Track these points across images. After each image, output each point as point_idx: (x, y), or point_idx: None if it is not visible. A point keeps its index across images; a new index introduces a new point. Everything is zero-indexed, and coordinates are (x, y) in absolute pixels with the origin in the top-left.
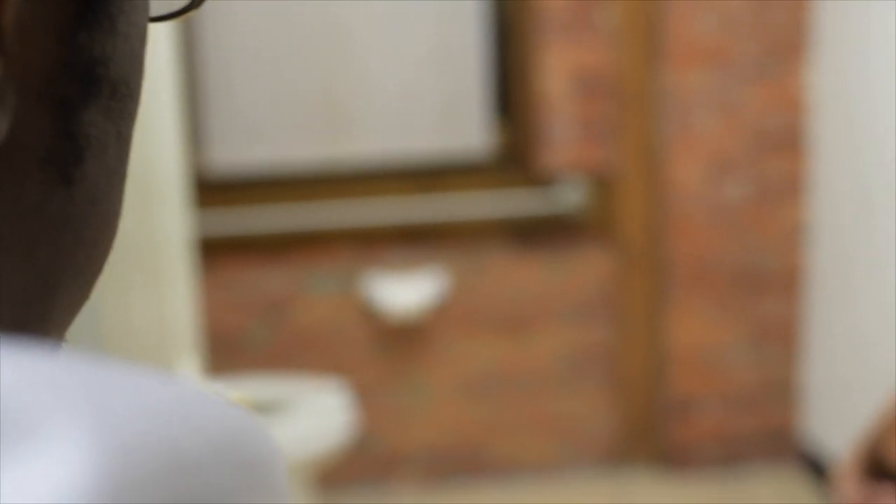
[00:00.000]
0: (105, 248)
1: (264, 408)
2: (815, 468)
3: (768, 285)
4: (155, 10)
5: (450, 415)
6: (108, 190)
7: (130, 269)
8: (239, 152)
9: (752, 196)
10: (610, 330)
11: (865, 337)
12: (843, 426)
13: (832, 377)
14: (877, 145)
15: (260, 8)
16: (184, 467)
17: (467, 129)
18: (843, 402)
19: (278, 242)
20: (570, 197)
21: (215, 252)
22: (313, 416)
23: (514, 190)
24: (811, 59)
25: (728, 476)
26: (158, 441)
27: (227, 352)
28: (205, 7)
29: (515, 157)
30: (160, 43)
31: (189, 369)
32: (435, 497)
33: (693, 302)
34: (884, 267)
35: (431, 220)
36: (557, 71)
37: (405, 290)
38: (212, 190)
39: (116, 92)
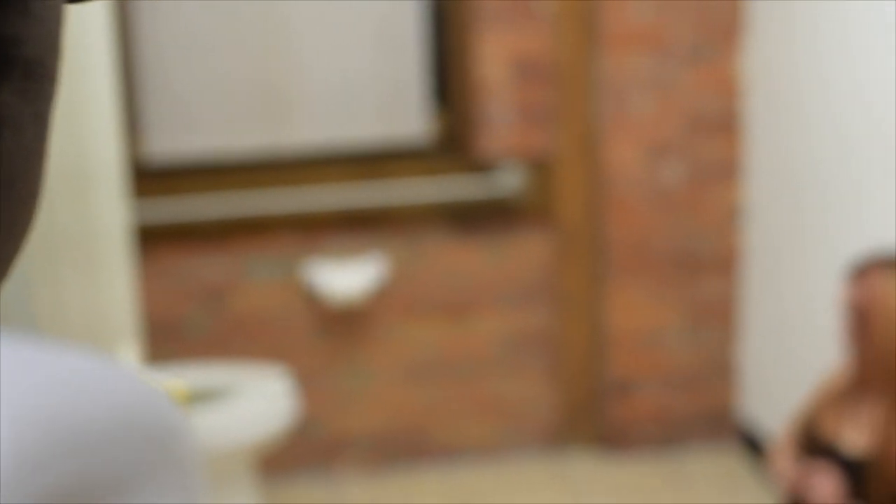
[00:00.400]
0: (23, 229)
1: (206, 395)
2: (754, 447)
3: (705, 267)
4: None
5: (392, 399)
6: (25, 170)
7: (67, 259)
8: (179, 140)
9: (688, 179)
10: (550, 313)
11: (800, 317)
12: (780, 405)
13: (769, 357)
14: (809, 128)
15: None
16: (89, 439)
17: (407, 116)
18: (780, 381)
19: (219, 230)
20: (509, 182)
21: (156, 240)
22: (255, 402)
23: (453, 175)
24: (746, 44)
25: (667, 456)
26: (64, 413)
27: (167, 339)
28: None
29: (455, 142)
30: (96, 32)
31: (128, 357)
32: (378, 481)
33: (631, 284)
34: (816, 248)
35: (372, 206)
36: (496, 57)
37: (346, 276)
38: (152, 178)
39: (32, 73)
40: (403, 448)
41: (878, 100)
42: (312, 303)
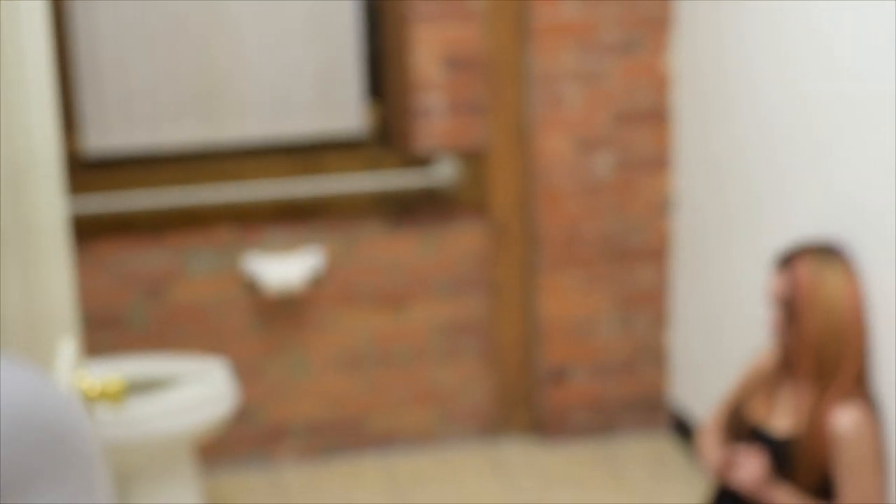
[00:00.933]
0: None
1: (146, 385)
2: (684, 432)
3: (636, 256)
4: None
5: (330, 388)
6: None
7: (4, 254)
8: (117, 134)
9: (618, 170)
10: (484, 302)
11: (729, 305)
12: (710, 391)
13: (698, 344)
14: (736, 120)
15: None
16: None
17: (343, 110)
18: (710, 367)
19: (158, 223)
20: (443, 173)
21: (95, 234)
22: (194, 391)
23: (389, 167)
24: (674, 38)
25: (601, 442)
26: None
27: (107, 333)
28: None
29: (390, 135)
30: (33, 26)
31: (67, 351)
32: (316, 469)
33: (564, 273)
34: (744, 237)
35: (309, 199)
36: (430, 51)
37: (284, 267)
38: (90, 172)
39: None
40: (341, 436)
41: (805, 92)
42: (251, 294)
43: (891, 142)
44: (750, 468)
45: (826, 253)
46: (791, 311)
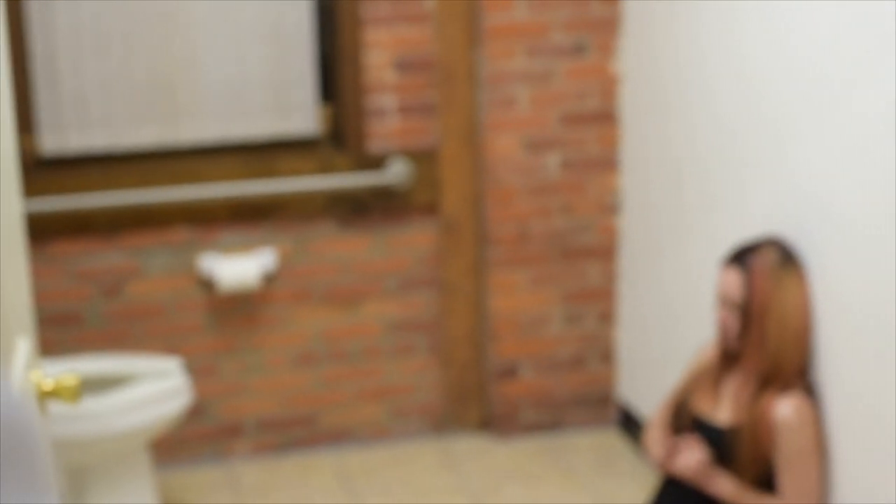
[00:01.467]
0: None
1: (102, 383)
2: (632, 427)
3: (585, 254)
4: None
5: (283, 385)
6: None
7: None
8: (73, 135)
9: (567, 169)
10: (435, 300)
11: (675, 302)
12: (657, 386)
13: (645, 341)
14: (684, 120)
15: None
16: None
17: (297, 111)
18: (656, 364)
19: (114, 223)
20: (395, 173)
21: (51, 234)
22: (149, 389)
23: (342, 168)
24: (623, 39)
25: (550, 437)
26: None
27: (63, 331)
28: None
29: (343, 136)
30: None
31: (23, 350)
32: (270, 464)
33: (514, 271)
34: (691, 236)
35: (263, 199)
36: (382, 52)
37: (238, 267)
38: (46, 172)
39: None
40: (295, 432)
41: (755, 92)
42: (206, 293)
43: (841, 140)
44: (691, 457)
45: (780, 255)
46: (746, 313)
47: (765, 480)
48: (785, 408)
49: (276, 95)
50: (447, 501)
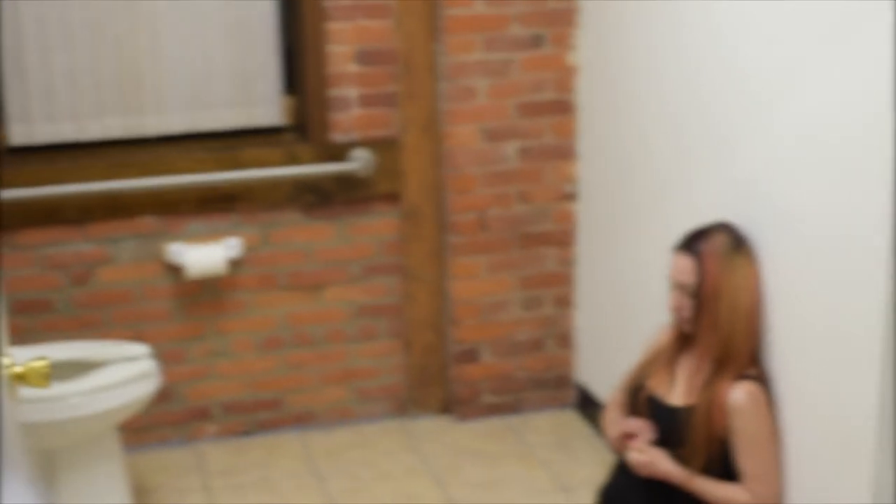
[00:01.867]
0: None
1: (71, 368)
2: (590, 409)
3: (542, 240)
4: None
5: (249, 370)
6: None
7: None
8: (41, 126)
9: (525, 158)
10: (398, 286)
11: (631, 287)
12: (613, 369)
13: (602, 324)
14: (640, 110)
15: None
16: None
17: (261, 102)
18: (613, 347)
19: (82, 212)
20: (358, 163)
21: (21, 223)
22: (119, 374)
23: (306, 157)
24: (580, 31)
25: (510, 419)
26: None
27: (33, 318)
28: None
29: (307, 126)
30: None
31: None
32: (237, 447)
33: (474, 257)
34: (644, 222)
35: (230, 188)
36: (344, 44)
37: (205, 254)
38: (16, 162)
39: None
40: (261, 415)
41: (705, 82)
42: (173, 280)
43: (784, 130)
44: (645, 437)
45: (730, 240)
46: (698, 297)
47: (717, 465)
48: (738, 391)
49: (240, 87)
50: (410, 481)
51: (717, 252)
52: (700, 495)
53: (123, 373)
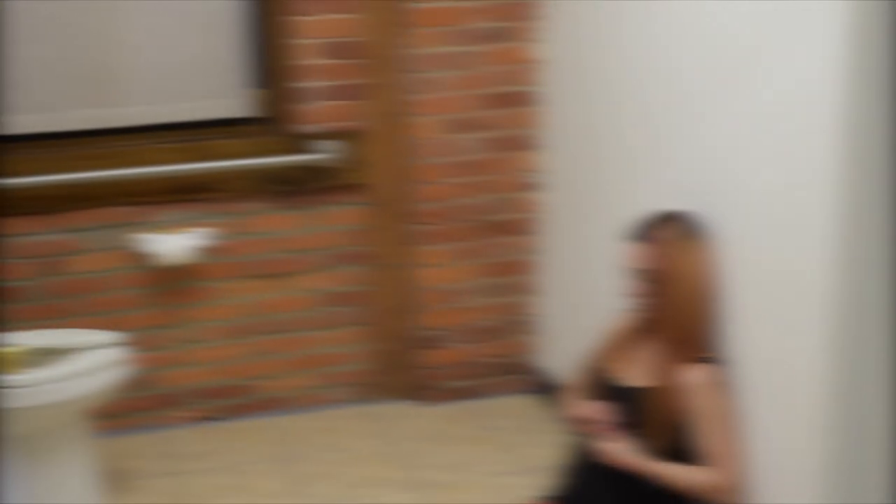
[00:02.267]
0: None
1: (43, 356)
2: (550, 393)
3: (505, 229)
4: None
5: (220, 356)
6: None
7: None
8: (14, 118)
9: (488, 149)
10: (364, 274)
11: (590, 274)
12: (574, 355)
13: (563, 311)
14: (599, 102)
15: None
16: None
17: (231, 93)
18: (573, 332)
19: (55, 203)
20: (326, 153)
21: None
22: (90, 361)
23: (275, 148)
24: (544, 24)
25: (473, 403)
26: None
27: (5, 307)
28: None
29: (276, 117)
30: None
31: None
32: (207, 433)
33: (439, 245)
34: (605, 210)
35: (200, 179)
36: (312, 36)
37: (176, 243)
38: None
39: None
40: (230, 401)
41: (666, 75)
42: (144, 269)
43: (744, 119)
44: (604, 419)
45: (684, 227)
46: (655, 282)
47: (677, 446)
48: (695, 372)
49: (209, 79)
50: (376, 465)
51: (672, 238)
52: (662, 480)
53: (95, 360)
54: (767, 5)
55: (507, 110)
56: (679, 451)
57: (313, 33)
